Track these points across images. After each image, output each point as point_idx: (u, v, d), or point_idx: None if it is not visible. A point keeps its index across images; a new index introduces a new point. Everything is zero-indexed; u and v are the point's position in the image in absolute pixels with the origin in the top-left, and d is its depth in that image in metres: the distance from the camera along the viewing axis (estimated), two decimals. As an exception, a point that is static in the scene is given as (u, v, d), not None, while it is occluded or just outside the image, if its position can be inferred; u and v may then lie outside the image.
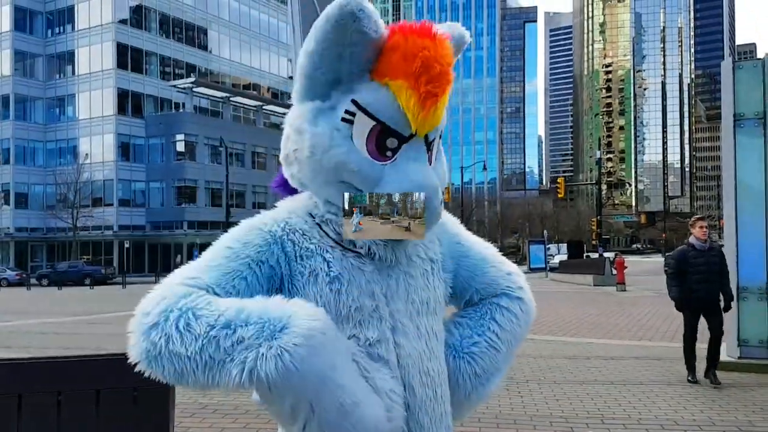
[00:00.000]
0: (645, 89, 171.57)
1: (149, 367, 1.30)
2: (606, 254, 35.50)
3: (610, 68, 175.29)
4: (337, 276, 1.46)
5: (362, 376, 1.38)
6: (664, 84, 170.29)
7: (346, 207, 1.45)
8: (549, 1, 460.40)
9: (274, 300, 1.33)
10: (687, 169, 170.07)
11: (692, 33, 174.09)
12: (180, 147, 51.36)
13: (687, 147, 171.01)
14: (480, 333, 1.67)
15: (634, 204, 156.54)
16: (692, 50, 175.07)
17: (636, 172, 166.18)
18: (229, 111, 55.87)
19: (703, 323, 6.80)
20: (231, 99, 55.58)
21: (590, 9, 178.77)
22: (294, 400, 1.28)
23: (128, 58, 51.47)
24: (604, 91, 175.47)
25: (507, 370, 1.72)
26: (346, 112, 1.45)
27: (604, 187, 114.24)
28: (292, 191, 1.69)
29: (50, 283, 37.19)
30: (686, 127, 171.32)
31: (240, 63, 60.39)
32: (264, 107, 58.33)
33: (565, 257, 44.26)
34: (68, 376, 2.50)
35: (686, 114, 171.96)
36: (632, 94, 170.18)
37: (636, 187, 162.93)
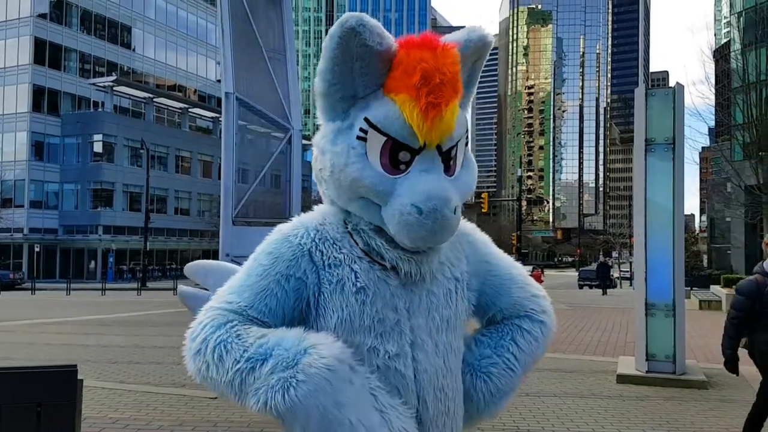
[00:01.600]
0: (564, 111, 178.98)
1: (203, 383, 1.53)
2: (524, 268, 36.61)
3: (532, 90, 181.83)
4: (363, 287, 1.52)
5: (377, 410, 1.43)
6: (581, 107, 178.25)
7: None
8: (477, 21, 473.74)
9: (293, 334, 1.45)
10: (601, 189, 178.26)
11: (609, 59, 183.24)
12: (98, 148, 49.23)
13: (601, 167, 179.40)
14: (499, 354, 1.71)
15: (551, 220, 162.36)
16: (609, 75, 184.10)
17: (554, 189, 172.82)
18: (152, 112, 54.10)
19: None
20: (154, 100, 53.85)
21: (515, 32, 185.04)
22: (301, 430, 1.40)
23: (46, 53, 49.05)
24: (526, 111, 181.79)
25: (519, 388, 1.77)
26: (360, 129, 1.51)
27: (524, 203, 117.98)
28: None
29: (-51, 288, 34.70)
30: (601, 149, 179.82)
31: (165, 63, 58.69)
32: (190, 110, 56.83)
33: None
34: (-36, 390, 2.33)
35: (602, 136, 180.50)
36: (552, 116, 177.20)
37: (553, 204, 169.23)
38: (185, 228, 53.43)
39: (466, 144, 1.63)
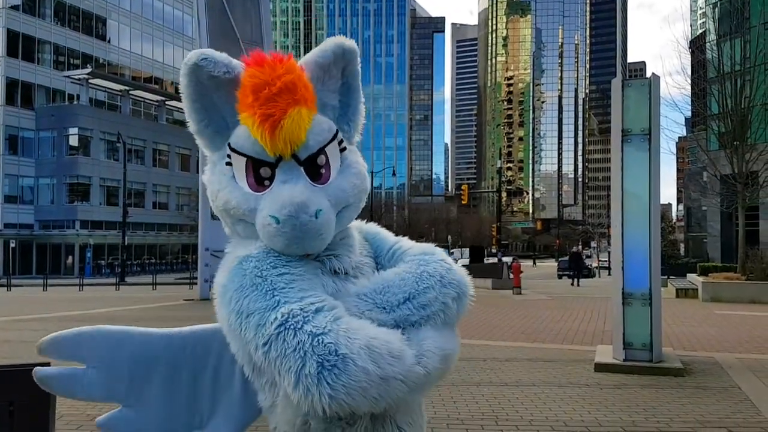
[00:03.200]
0: (543, 102, 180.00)
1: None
2: (504, 259, 36.85)
3: (511, 81, 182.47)
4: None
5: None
6: (560, 98, 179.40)
7: None
8: (456, 12, 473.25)
9: None
10: (580, 179, 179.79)
11: (588, 50, 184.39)
12: (73, 141, 48.52)
13: (580, 158, 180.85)
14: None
15: (531, 211, 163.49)
16: (587, 66, 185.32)
17: (533, 181, 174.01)
18: (129, 105, 53.45)
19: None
20: (130, 92, 53.20)
21: (494, 23, 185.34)
22: None
23: (19, 45, 48.11)
24: (505, 102, 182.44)
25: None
26: (227, 155, 1.61)
27: (504, 194, 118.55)
28: None
29: None
30: (580, 140, 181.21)
31: (141, 55, 57.94)
32: (167, 102, 56.24)
33: (467, 261, 45.59)
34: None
35: (580, 127, 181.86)
36: (531, 107, 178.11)
37: (533, 195, 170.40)
38: (164, 222, 52.96)
39: (343, 149, 1.68)
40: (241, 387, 1.90)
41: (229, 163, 1.60)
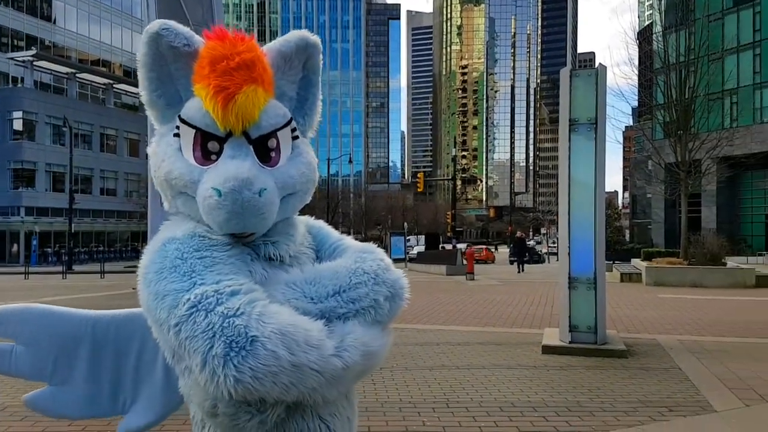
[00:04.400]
0: (496, 92, 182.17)
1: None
2: (459, 245, 37.32)
3: (466, 70, 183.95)
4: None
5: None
6: (513, 87, 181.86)
7: None
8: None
9: None
10: (531, 168, 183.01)
11: (540, 40, 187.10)
12: (17, 125, 46.63)
13: (532, 147, 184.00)
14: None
15: (484, 199, 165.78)
16: (539, 56, 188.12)
17: (487, 169, 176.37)
18: (75, 88, 51.66)
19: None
20: (77, 75, 51.39)
21: (449, 11, 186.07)
22: None
23: (-42, 26, 45.93)
24: (460, 91, 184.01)
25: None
26: (176, 127, 1.59)
27: (458, 182, 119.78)
28: None
29: None
30: (531, 129, 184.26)
31: (88, 37, 56.00)
32: (115, 86, 54.58)
33: (423, 248, 45.94)
34: None
35: (532, 116, 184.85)
36: (485, 96, 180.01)
37: (486, 183, 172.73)
38: (112, 209, 51.61)
39: (295, 137, 1.69)
40: (164, 373, 1.91)
41: (177, 135, 1.58)
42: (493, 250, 65.01)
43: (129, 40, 59.47)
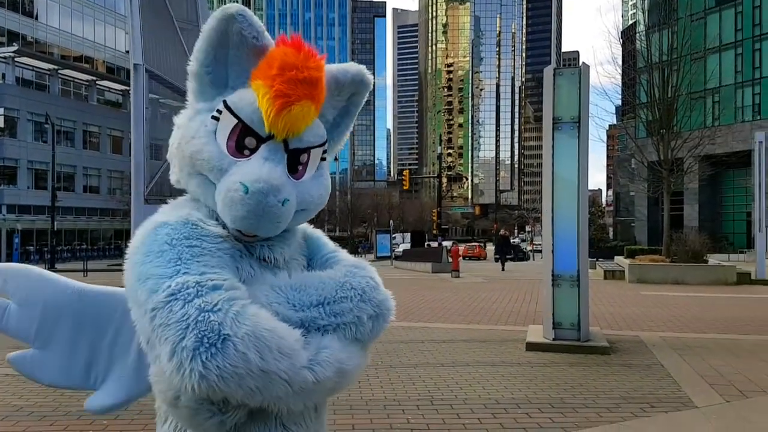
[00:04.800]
0: (482, 90, 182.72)
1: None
2: (444, 243, 37.42)
3: (451, 68, 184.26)
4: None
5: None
6: (498, 85, 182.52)
7: None
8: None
9: None
10: (516, 166, 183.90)
11: (524, 39, 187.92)
12: (-2, 122, 46.11)
13: (517, 145, 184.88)
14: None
15: (470, 196, 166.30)
16: (524, 55, 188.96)
17: (472, 167, 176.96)
18: (58, 85, 51.03)
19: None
20: (60, 72, 50.75)
21: (434, 9, 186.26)
22: None
23: (-64, 21, 45.18)
24: (445, 89, 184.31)
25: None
26: (217, 110, 1.57)
27: (444, 180, 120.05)
28: None
29: None
30: (516, 127, 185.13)
31: (71, 33, 55.30)
32: (98, 82, 53.98)
33: (408, 246, 46.01)
34: None
35: (517, 115, 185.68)
36: (470, 94, 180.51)
37: (472, 181, 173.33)
38: (95, 207, 51.10)
39: (324, 159, 1.70)
40: (137, 356, 1.92)
41: (215, 118, 1.57)
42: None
43: (112, 36, 58.87)
